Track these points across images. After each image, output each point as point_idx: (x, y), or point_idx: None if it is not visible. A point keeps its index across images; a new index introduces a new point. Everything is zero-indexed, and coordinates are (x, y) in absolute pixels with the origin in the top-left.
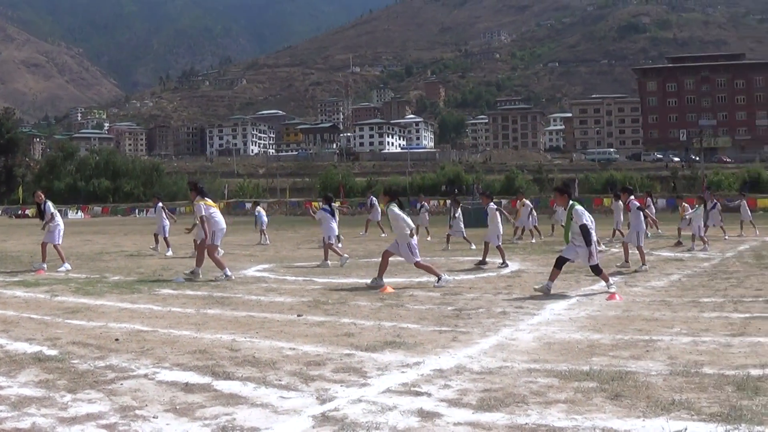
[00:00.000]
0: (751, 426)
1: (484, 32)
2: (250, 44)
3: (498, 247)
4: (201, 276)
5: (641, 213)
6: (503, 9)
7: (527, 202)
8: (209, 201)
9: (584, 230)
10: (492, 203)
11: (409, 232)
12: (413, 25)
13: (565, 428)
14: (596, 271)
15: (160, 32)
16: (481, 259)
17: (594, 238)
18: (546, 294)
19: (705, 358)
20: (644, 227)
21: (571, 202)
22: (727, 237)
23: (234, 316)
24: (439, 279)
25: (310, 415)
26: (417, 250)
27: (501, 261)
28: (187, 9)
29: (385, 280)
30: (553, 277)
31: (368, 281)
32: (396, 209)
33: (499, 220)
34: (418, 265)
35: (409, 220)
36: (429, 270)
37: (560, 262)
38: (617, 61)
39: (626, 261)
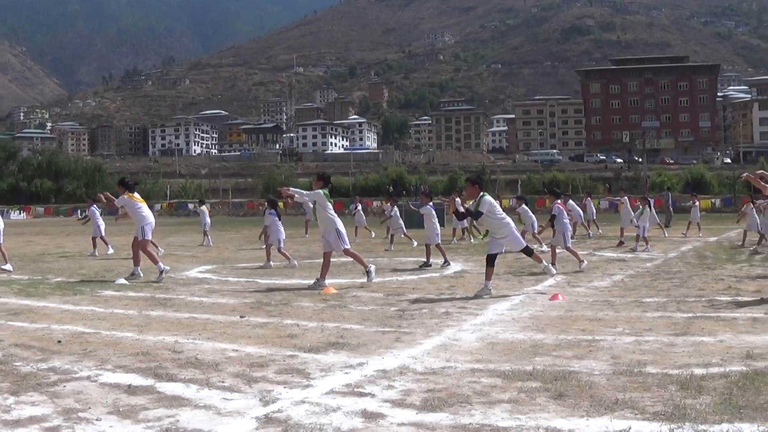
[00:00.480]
0: (695, 425)
1: (428, 33)
2: (193, 44)
3: (438, 245)
4: (141, 276)
5: (564, 214)
6: (447, 10)
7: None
8: (136, 196)
9: (474, 213)
10: (430, 203)
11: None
12: (357, 25)
13: (509, 428)
14: (527, 252)
15: (103, 31)
16: (425, 260)
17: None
18: (487, 295)
19: (648, 358)
20: (569, 228)
21: (481, 192)
22: (666, 235)
23: (177, 318)
24: (368, 272)
25: (254, 416)
26: (345, 236)
27: (443, 260)
28: (131, 8)
29: (327, 281)
30: (488, 277)
31: (310, 282)
32: (326, 198)
33: (436, 219)
34: (346, 252)
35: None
36: (357, 259)
37: (491, 260)
38: (561, 63)
39: (553, 263)
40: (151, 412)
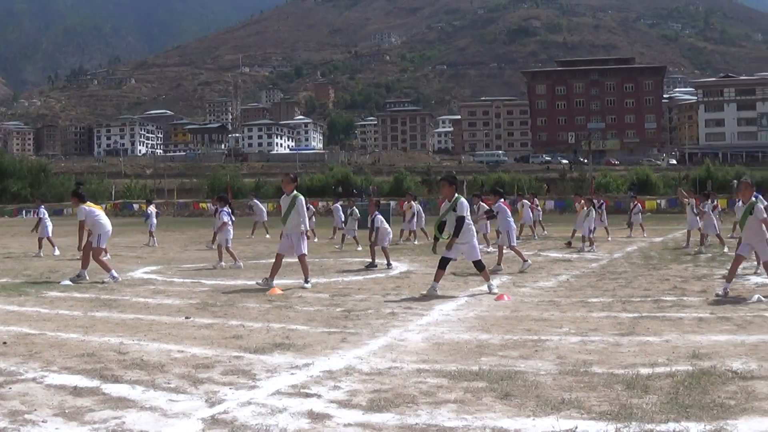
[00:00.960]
0: (641, 424)
1: (374, 34)
2: (139, 43)
3: (384, 248)
4: (87, 278)
5: (507, 213)
6: (394, 11)
7: (414, 204)
8: (92, 204)
9: (459, 222)
10: (377, 213)
11: (303, 228)
12: (303, 26)
13: (456, 428)
14: (479, 267)
15: (49, 30)
16: (371, 261)
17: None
18: (433, 296)
19: (594, 358)
20: (513, 227)
21: (456, 194)
22: (609, 238)
23: (122, 319)
24: (307, 281)
25: (200, 418)
26: (305, 245)
27: (386, 263)
28: (77, 7)
29: (274, 281)
30: (437, 278)
31: (259, 281)
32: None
33: (387, 224)
34: (301, 258)
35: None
36: (305, 268)
37: (444, 263)
38: (507, 64)
39: (498, 264)
40: (97, 414)
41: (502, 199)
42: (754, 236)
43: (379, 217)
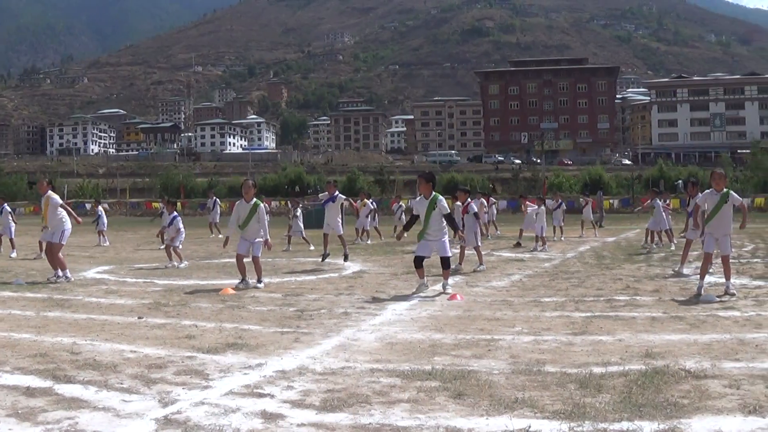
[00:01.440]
0: (595, 423)
1: (327, 34)
2: (92, 42)
3: (340, 236)
4: (71, 278)
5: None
6: (347, 11)
7: (368, 202)
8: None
9: (449, 218)
10: (336, 193)
11: (263, 237)
12: (257, 25)
13: (409, 427)
14: (446, 264)
15: (1, 29)
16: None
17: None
18: (424, 290)
19: (547, 357)
20: (479, 227)
21: (434, 192)
22: (563, 238)
23: (74, 319)
24: (260, 281)
25: (153, 418)
26: (261, 249)
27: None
28: (30, 5)
29: (226, 281)
30: (421, 275)
31: (238, 284)
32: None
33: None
34: (255, 259)
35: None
36: (258, 270)
37: (419, 261)
38: (460, 64)
39: (460, 263)
40: (50, 414)
41: (470, 199)
42: (721, 227)
43: (340, 197)
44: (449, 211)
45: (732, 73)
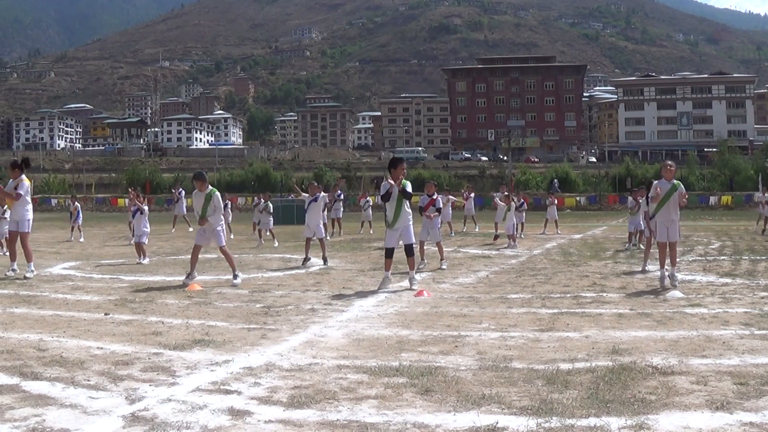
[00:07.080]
0: (562, 419)
1: (295, 29)
2: (59, 36)
3: (321, 240)
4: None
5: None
6: (315, 7)
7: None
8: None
9: (407, 194)
10: (320, 193)
11: (222, 221)
12: (224, 20)
13: (377, 423)
14: (410, 252)
15: None
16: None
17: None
18: (387, 286)
19: (514, 353)
20: (439, 224)
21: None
22: (522, 235)
23: (41, 315)
24: (236, 277)
25: (120, 415)
26: (224, 236)
27: (304, 256)
28: None
29: (192, 277)
30: (387, 267)
31: (185, 280)
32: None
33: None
34: (223, 249)
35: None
36: (230, 261)
37: (390, 253)
38: (427, 62)
39: (422, 259)
40: (17, 412)
41: (439, 194)
42: (671, 214)
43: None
44: (410, 191)
45: (700, 72)
